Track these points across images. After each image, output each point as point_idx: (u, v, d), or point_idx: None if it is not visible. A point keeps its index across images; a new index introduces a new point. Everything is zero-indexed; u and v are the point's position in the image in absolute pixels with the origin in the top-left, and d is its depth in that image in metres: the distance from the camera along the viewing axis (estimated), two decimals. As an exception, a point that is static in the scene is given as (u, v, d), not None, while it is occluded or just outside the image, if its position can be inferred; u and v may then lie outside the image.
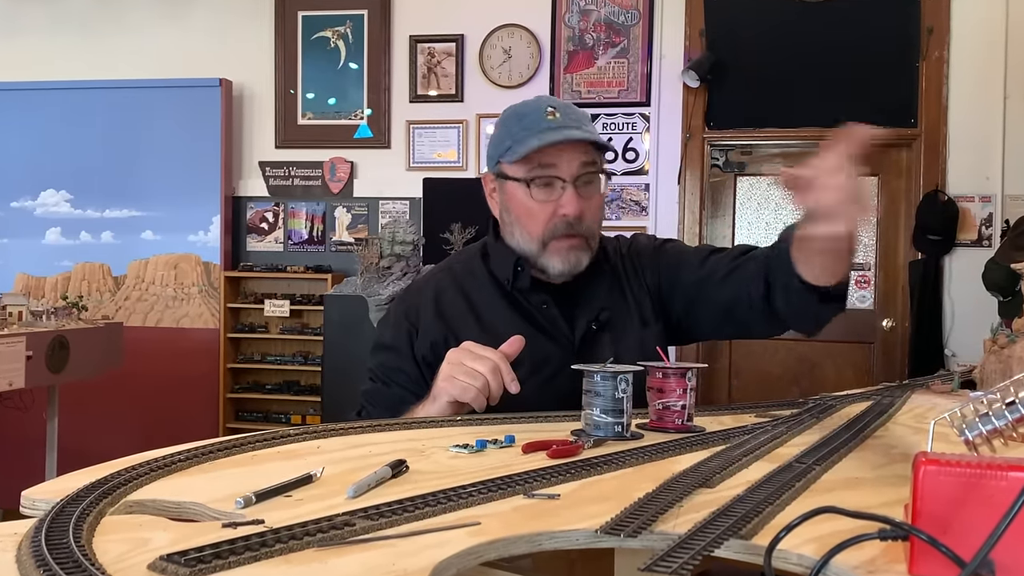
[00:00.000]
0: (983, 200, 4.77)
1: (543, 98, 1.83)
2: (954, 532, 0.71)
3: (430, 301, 1.82)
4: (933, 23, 4.78)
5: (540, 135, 1.72)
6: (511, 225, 1.82)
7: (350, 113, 5.46)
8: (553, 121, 1.73)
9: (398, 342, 1.80)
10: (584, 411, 1.38)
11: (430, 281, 1.89)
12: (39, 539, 0.77)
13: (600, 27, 5.14)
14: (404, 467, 1.09)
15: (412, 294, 1.89)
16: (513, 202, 1.80)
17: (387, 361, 1.81)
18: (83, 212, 5.62)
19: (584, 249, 1.77)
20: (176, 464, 1.08)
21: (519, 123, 1.77)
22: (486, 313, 1.80)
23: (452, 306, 1.81)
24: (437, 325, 1.78)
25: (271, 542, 0.78)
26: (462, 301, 1.82)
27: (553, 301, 1.81)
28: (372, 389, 1.81)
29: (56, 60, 5.71)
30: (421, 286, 1.89)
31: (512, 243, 1.82)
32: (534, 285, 1.81)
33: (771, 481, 1.03)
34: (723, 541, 0.82)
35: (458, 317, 1.79)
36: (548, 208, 1.75)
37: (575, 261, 1.77)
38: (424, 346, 1.77)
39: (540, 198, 1.75)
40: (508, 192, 1.81)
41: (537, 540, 0.87)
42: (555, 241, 1.76)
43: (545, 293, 1.81)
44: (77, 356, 4.12)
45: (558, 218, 1.74)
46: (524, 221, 1.78)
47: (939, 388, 2.06)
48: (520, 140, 1.74)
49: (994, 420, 0.91)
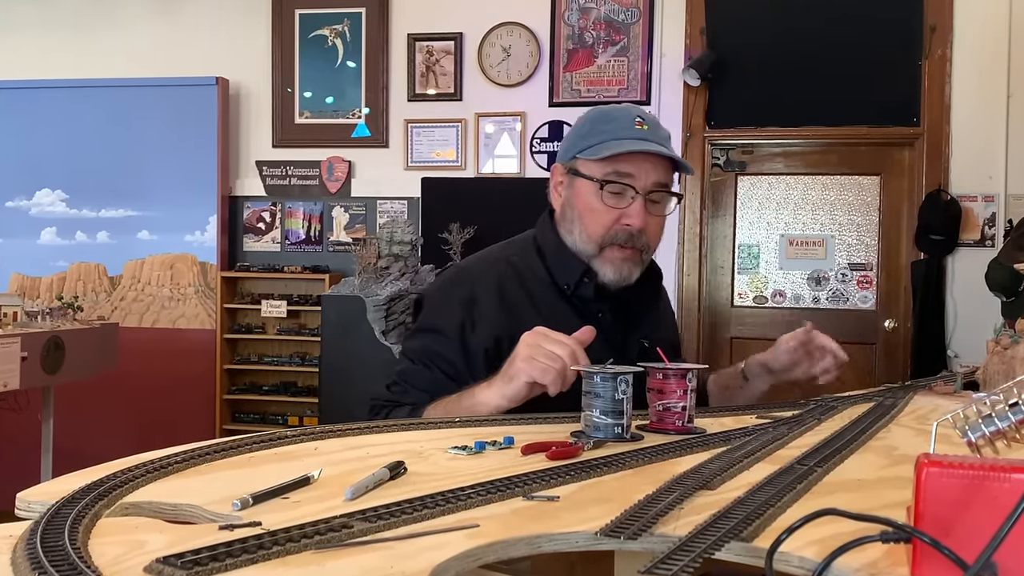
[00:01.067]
0: (986, 200, 4.77)
1: (633, 107, 1.87)
2: (957, 535, 0.71)
3: (492, 292, 1.80)
4: (936, 21, 4.78)
5: (627, 141, 1.74)
6: (571, 222, 1.83)
7: (348, 112, 5.46)
8: (640, 131, 1.76)
9: (447, 328, 1.78)
10: (583, 412, 1.38)
11: (488, 271, 1.86)
12: (34, 542, 0.77)
13: (600, 25, 5.14)
14: (402, 469, 1.09)
15: (469, 281, 1.84)
16: (579, 199, 1.81)
17: (430, 344, 1.78)
18: (78, 212, 5.62)
19: (637, 263, 1.80)
20: (172, 466, 1.08)
21: (607, 124, 1.80)
22: (549, 312, 1.79)
23: (516, 300, 1.80)
24: (502, 318, 1.76)
25: (268, 545, 0.78)
26: (525, 296, 1.81)
27: (608, 311, 1.83)
28: (410, 369, 1.78)
29: (50, 58, 5.71)
30: (477, 274, 1.86)
31: (568, 239, 1.83)
32: (596, 294, 1.82)
33: (772, 483, 1.03)
34: (724, 543, 0.82)
35: (523, 312, 1.78)
36: (614, 214, 1.77)
37: (627, 273, 1.79)
38: (487, 338, 1.75)
39: (609, 203, 1.77)
40: (576, 188, 1.82)
41: (536, 542, 0.87)
42: (611, 249, 1.78)
43: (603, 302, 1.82)
44: (72, 357, 4.12)
45: (620, 226, 1.77)
46: (587, 220, 1.80)
47: (942, 389, 2.06)
48: (605, 141, 1.76)
49: (997, 422, 0.91)
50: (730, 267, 5.19)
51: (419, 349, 1.80)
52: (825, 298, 5.08)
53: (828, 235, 5.08)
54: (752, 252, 5.17)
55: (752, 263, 5.17)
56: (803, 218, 5.12)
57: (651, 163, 1.76)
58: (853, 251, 5.06)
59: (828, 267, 5.08)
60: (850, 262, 5.06)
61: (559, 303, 1.82)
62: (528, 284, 1.83)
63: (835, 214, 5.07)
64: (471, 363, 1.73)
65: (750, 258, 5.17)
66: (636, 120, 1.77)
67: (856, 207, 5.05)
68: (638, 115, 1.79)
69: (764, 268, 5.16)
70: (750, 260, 5.17)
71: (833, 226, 5.08)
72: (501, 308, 1.78)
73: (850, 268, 5.06)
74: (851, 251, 5.06)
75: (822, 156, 5.11)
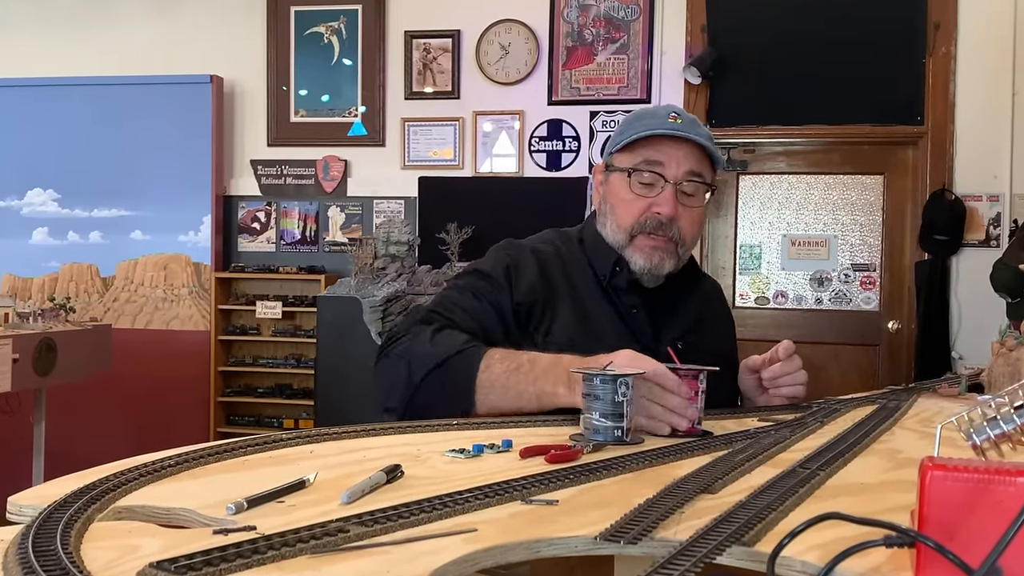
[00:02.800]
0: (991, 199, 4.77)
1: (672, 106, 1.90)
2: (961, 539, 0.71)
3: (533, 263, 1.82)
4: (940, 18, 4.78)
5: (658, 129, 1.77)
6: (605, 216, 1.85)
7: (344, 110, 5.46)
8: (674, 124, 1.77)
9: (496, 274, 1.79)
10: (583, 415, 1.37)
11: (536, 246, 1.88)
12: (26, 546, 0.77)
13: (599, 22, 5.14)
14: (399, 472, 1.09)
15: (515, 250, 1.86)
16: (613, 193, 1.84)
17: (479, 283, 1.79)
18: (71, 212, 5.62)
19: (671, 253, 1.80)
20: (166, 469, 1.08)
21: (639, 121, 1.83)
22: (584, 297, 1.81)
23: (554, 277, 1.82)
24: (539, 287, 1.78)
25: (263, 549, 0.78)
26: (563, 278, 1.83)
27: (643, 307, 1.83)
28: (453, 296, 1.78)
29: (43, 57, 5.71)
30: (523, 248, 1.87)
31: (604, 233, 1.85)
32: (629, 287, 1.82)
33: (774, 486, 1.03)
34: (725, 548, 0.82)
35: (559, 291, 1.80)
36: (643, 203, 1.79)
37: (658, 262, 1.79)
38: (523, 295, 1.76)
39: (638, 191, 1.79)
40: (611, 183, 1.85)
41: (535, 547, 0.87)
42: (642, 237, 1.79)
43: (637, 297, 1.83)
44: (65, 359, 4.12)
45: (650, 214, 1.78)
46: (618, 210, 1.82)
47: (946, 391, 2.06)
48: (636, 132, 1.79)
49: (1002, 424, 0.91)
50: (731, 268, 5.19)
51: (464, 284, 1.81)
52: (828, 299, 5.09)
53: (831, 235, 5.09)
54: (754, 252, 5.17)
55: (754, 264, 5.17)
56: (805, 218, 5.12)
57: (683, 152, 1.77)
58: (856, 251, 5.06)
59: (831, 268, 5.09)
60: (853, 263, 5.07)
61: (595, 292, 1.83)
62: (569, 269, 1.85)
63: (838, 214, 5.08)
64: (511, 313, 1.75)
65: (752, 258, 5.17)
66: (671, 115, 1.79)
67: (859, 207, 5.06)
68: (674, 111, 1.82)
69: (766, 269, 5.17)
70: (752, 260, 5.18)
71: (836, 226, 5.08)
72: (541, 279, 1.80)
73: (853, 269, 5.06)
74: (854, 251, 5.07)
75: (825, 155, 5.11)
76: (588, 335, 1.73)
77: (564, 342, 1.69)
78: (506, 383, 1.56)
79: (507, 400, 1.56)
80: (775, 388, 1.77)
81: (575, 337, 1.72)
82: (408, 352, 1.64)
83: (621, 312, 1.82)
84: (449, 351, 1.60)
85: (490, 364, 1.58)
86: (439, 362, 1.59)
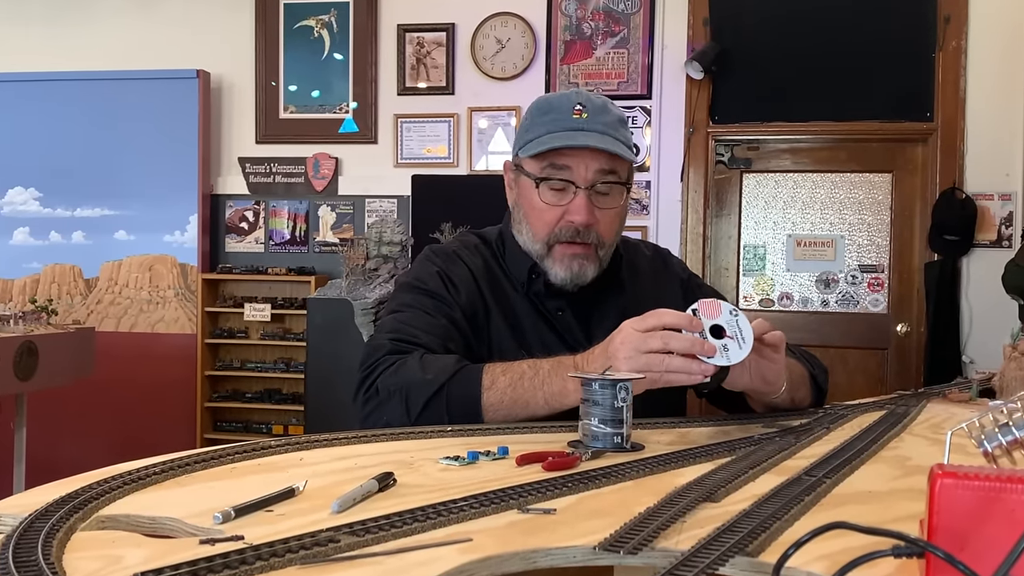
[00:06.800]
0: (1003, 198, 4.78)
1: (576, 93, 1.80)
2: (972, 549, 0.71)
3: (465, 272, 1.81)
4: (950, 11, 4.79)
5: (558, 135, 1.72)
6: (519, 221, 1.84)
7: (335, 106, 5.46)
8: (578, 120, 1.72)
9: (437, 288, 1.77)
10: (581, 421, 1.37)
11: (460, 257, 1.85)
12: (6, 556, 0.77)
13: (598, 16, 5.15)
14: (392, 480, 1.09)
15: (444, 260, 1.84)
16: (523, 198, 1.81)
17: (426, 301, 1.76)
18: (52, 211, 5.61)
19: (591, 259, 1.77)
20: (151, 477, 1.08)
21: (543, 116, 1.77)
22: (511, 304, 1.81)
23: (483, 286, 1.81)
24: (475, 295, 1.78)
25: (251, 559, 0.78)
26: (488, 286, 1.82)
27: (568, 307, 1.82)
28: (407, 319, 1.73)
29: (23, 51, 5.70)
30: (451, 257, 1.85)
31: (520, 240, 1.84)
32: (549, 291, 1.81)
33: (779, 495, 1.03)
34: (728, 558, 0.82)
35: (488, 298, 1.80)
36: (556, 212, 1.76)
37: (578, 271, 1.77)
38: (465, 305, 1.76)
39: (549, 200, 1.76)
40: (521, 186, 1.82)
41: (532, 557, 0.87)
42: (560, 246, 1.76)
43: (560, 299, 1.82)
44: (46, 363, 4.11)
45: (564, 223, 1.75)
46: (532, 219, 1.80)
47: (956, 397, 2.06)
48: (541, 135, 1.74)
49: (1015, 431, 0.91)
50: (735, 268, 5.20)
51: (411, 303, 1.77)
52: (834, 301, 5.09)
53: (837, 235, 5.09)
54: (758, 253, 5.18)
55: (758, 264, 5.18)
56: (811, 217, 5.13)
57: (591, 152, 1.72)
58: (864, 252, 5.07)
59: (837, 269, 5.09)
60: (861, 263, 5.07)
61: (519, 297, 1.82)
62: (493, 275, 1.84)
63: (845, 213, 5.08)
64: (464, 324, 1.74)
65: (756, 259, 5.18)
66: (575, 108, 1.73)
67: (867, 206, 5.06)
68: (578, 102, 1.74)
69: (770, 270, 5.17)
70: (756, 261, 5.18)
71: (843, 226, 5.09)
72: (475, 287, 1.80)
73: (861, 270, 5.07)
74: (862, 252, 5.07)
75: (831, 152, 5.12)
76: (518, 341, 1.75)
77: (506, 349, 1.72)
78: (513, 396, 1.56)
79: (516, 412, 1.56)
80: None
81: (507, 345, 1.74)
82: (400, 384, 1.60)
83: (546, 315, 1.81)
84: (443, 376, 1.58)
85: (493, 381, 1.57)
86: (436, 389, 1.57)
